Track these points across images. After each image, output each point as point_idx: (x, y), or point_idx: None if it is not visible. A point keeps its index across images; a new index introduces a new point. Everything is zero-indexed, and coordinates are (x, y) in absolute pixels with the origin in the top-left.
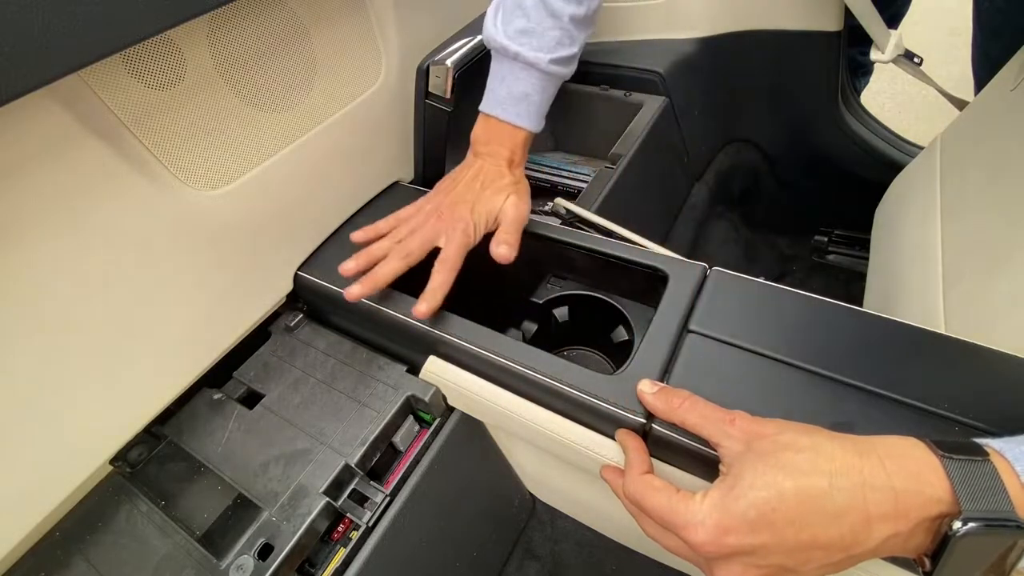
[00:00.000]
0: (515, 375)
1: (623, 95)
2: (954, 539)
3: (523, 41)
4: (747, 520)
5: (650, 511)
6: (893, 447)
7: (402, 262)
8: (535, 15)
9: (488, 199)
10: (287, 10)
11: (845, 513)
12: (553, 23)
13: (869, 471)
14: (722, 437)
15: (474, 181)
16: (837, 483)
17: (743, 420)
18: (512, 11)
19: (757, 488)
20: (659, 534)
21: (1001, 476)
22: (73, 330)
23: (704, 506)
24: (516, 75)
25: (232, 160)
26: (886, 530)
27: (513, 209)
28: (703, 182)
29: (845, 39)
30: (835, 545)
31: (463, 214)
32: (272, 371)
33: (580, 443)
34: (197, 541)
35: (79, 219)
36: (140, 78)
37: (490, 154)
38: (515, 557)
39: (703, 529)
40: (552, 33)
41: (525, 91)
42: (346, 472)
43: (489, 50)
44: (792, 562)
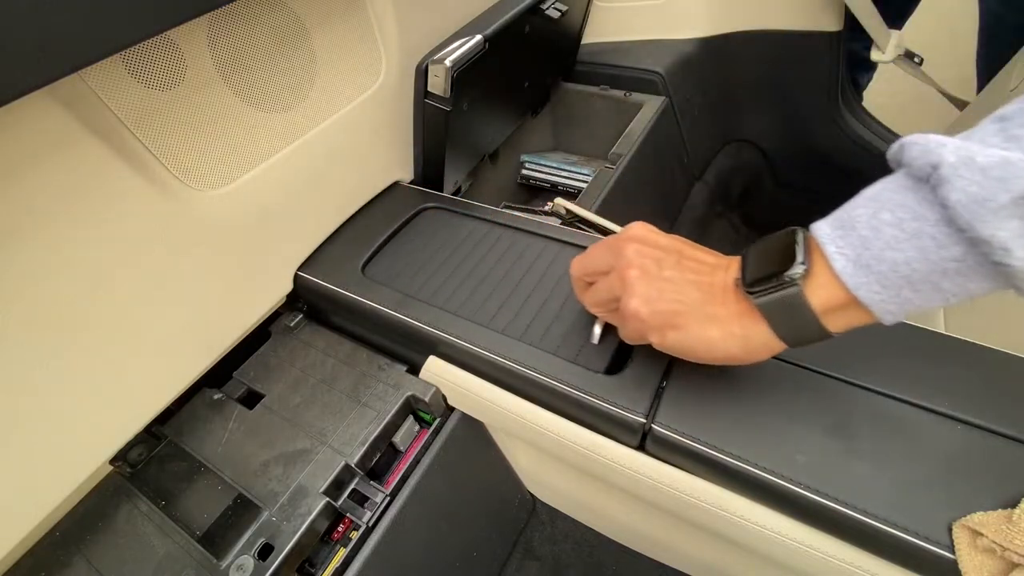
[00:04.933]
0: (515, 375)
1: (623, 95)
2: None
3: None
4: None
5: (590, 257)
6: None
7: None
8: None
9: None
10: (287, 10)
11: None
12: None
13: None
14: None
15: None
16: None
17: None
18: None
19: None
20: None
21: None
22: (73, 330)
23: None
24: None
25: (232, 160)
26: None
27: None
28: (703, 182)
29: (845, 37)
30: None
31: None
32: (272, 371)
33: (580, 443)
34: (197, 541)
35: (79, 219)
36: (140, 78)
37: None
38: (515, 557)
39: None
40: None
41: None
42: (346, 472)
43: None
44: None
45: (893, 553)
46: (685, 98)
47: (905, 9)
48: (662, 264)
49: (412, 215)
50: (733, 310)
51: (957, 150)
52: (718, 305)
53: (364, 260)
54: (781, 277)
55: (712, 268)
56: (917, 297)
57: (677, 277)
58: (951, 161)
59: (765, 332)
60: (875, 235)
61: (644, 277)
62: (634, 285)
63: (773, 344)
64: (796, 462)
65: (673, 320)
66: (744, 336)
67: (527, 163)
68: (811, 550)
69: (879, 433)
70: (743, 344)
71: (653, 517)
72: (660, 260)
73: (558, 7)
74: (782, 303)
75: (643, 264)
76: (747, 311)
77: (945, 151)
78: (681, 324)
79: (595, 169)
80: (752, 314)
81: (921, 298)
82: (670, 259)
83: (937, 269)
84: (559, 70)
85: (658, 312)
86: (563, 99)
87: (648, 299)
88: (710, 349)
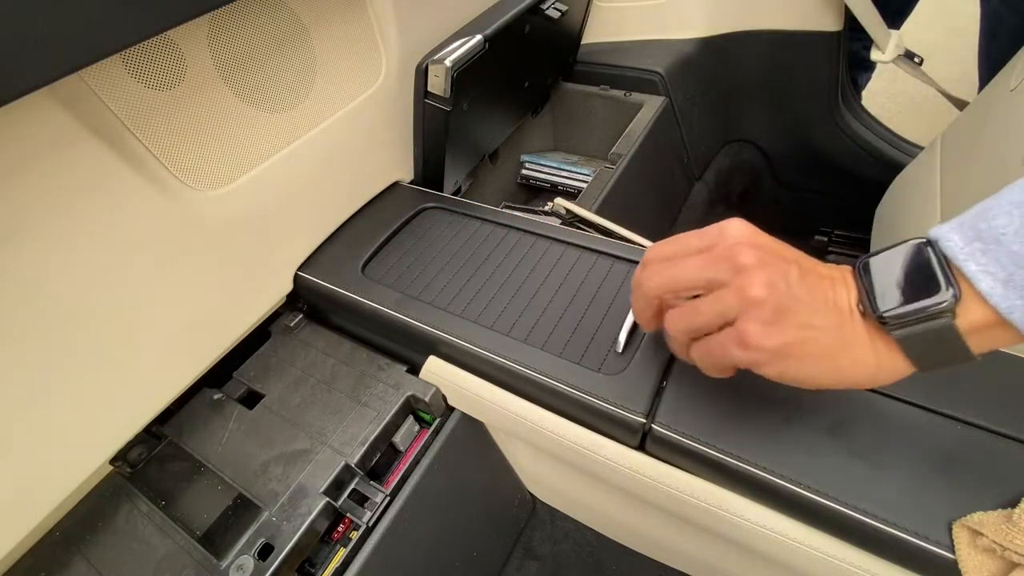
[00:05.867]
0: (515, 375)
1: (623, 95)
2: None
3: None
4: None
5: (681, 268)
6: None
7: None
8: None
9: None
10: (287, 10)
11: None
12: None
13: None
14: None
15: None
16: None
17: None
18: None
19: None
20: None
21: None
22: (73, 330)
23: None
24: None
25: (232, 160)
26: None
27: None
28: (703, 182)
29: (846, 37)
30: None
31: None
32: (272, 371)
33: (580, 443)
34: (197, 541)
35: (79, 219)
36: (140, 78)
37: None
38: (515, 557)
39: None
40: None
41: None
42: (346, 472)
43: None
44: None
45: (893, 553)
46: (685, 98)
47: (904, 9)
48: (789, 278)
49: (412, 215)
50: (863, 336)
51: None
52: (847, 329)
53: (364, 260)
54: (926, 307)
55: (833, 283)
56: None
57: (806, 296)
58: None
59: (900, 360)
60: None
61: (773, 295)
62: (762, 307)
63: (904, 371)
64: (796, 462)
65: (801, 349)
66: (877, 365)
67: (527, 163)
68: (811, 550)
69: (879, 433)
70: (874, 373)
71: (653, 517)
72: (784, 272)
73: (558, 7)
74: (927, 335)
75: (771, 279)
76: (878, 335)
77: None
78: (809, 353)
79: (595, 169)
80: (885, 339)
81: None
82: (794, 272)
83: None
84: (559, 70)
85: (788, 342)
86: (563, 99)
87: (778, 325)
88: (837, 379)
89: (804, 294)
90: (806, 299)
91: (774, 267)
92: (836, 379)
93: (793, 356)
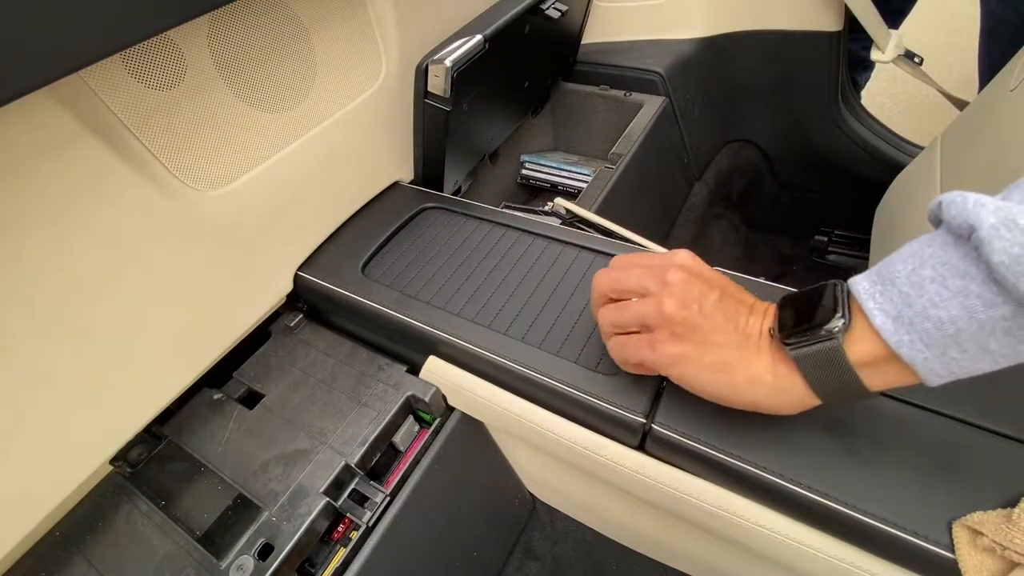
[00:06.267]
0: (515, 375)
1: (623, 95)
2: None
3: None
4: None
5: (627, 275)
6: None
7: None
8: None
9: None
10: (287, 10)
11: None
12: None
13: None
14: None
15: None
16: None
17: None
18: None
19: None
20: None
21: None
22: (73, 330)
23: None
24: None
25: (232, 160)
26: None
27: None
28: (703, 182)
29: (845, 37)
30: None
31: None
32: (272, 371)
33: (580, 443)
34: (197, 541)
35: (79, 219)
36: (140, 78)
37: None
38: (515, 557)
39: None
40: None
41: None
42: (346, 472)
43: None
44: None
45: (893, 553)
46: (685, 98)
47: (903, 8)
48: (704, 300)
49: (412, 215)
50: (766, 358)
51: (997, 211)
52: (751, 350)
53: (364, 260)
54: (820, 330)
55: (749, 310)
56: (964, 358)
57: (717, 317)
58: (992, 222)
59: (799, 385)
60: (917, 292)
61: (682, 312)
62: (671, 321)
63: (806, 399)
64: (796, 462)
65: (698, 360)
66: (775, 386)
67: (527, 163)
68: (811, 550)
69: (879, 433)
70: (773, 394)
71: (653, 517)
72: (703, 296)
73: (558, 7)
74: (819, 356)
75: (685, 298)
76: (781, 360)
77: (984, 211)
78: (705, 365)
79: (595, 169)
80: (787, 364)
81: (968, 359)
82: (712, 295)
83: (985, 329)
84: (559, 70)
85: (686, 353)
86: (563, 99)
87: (682, 338)
88: (733, 393)
89: (715, 315)
90: (716, 320)
91: (695, 289)
92: (732, 393)
93: (691, 364)
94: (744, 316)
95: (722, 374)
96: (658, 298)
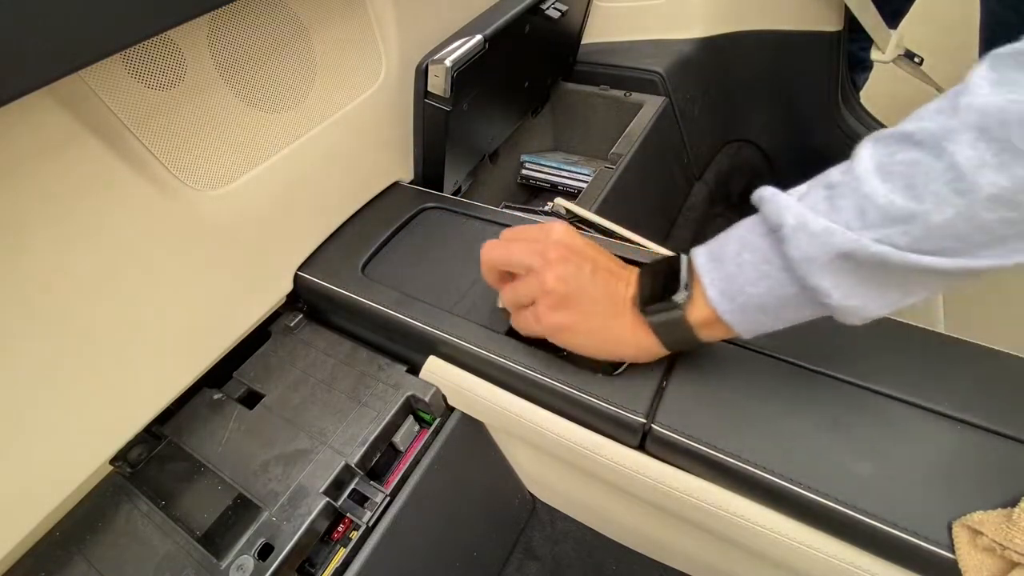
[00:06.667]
0: (515, 375)
1: (623, 95)
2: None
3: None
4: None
5: (511, 252)
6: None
7: None
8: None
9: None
10: (287, 10)
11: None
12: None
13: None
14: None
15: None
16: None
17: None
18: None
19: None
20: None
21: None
22: (73, 330)
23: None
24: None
25: (232, 160)
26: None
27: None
28: (703, 182)
29: (845, 37)
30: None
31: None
32: (272, 371)
33: (580, 443)
34: (197, 541)
35: (79, 220)
36: (140, 78)
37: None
38: (515, 557)
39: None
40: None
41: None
42: (346, 472)
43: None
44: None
45: (893, 553)
46: (685, 98)
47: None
48: (580, 272)
49: (412, 215)
50: (629, 321)
51: (796, 216)
52: (619, 316)
53: (364, 260)
54: (669, 301)
55: (618, 280)
56: (767, 320)
57: (592, 288)
58: (792, 224)
59: (653, 341)
60: (739, 271)
61: (561, 284)
62: (552, 294)
63: (658, 350)
64: (796, 462)
65: (578, 327)
66: (636, 344)
67: (527, 163)
68: (811, 550)
69: (879, 433)
70: (635, 351)
71: (653, 517)
72: (579, 269)
73: (558, 7)
74: (668, 322)
75: (564, 273)
76: (640, 324)
77: (788, 215)
78: (585, 331)
79: (595, 169)
80: (644, 327)
81: (769, 321)
82: (587, 268)
83: (781, 302)
84: (559, 70)
85: (567, 322)
86: (563, 99)
87: (562, 308)
88: (604, 351)
89: (590, 287)
90: (591, 290)
91: (572, 264)
92: (603, 351)
93: (571, 331)
94: (613, 285)
95: (597, 337)
96: (541, 275)
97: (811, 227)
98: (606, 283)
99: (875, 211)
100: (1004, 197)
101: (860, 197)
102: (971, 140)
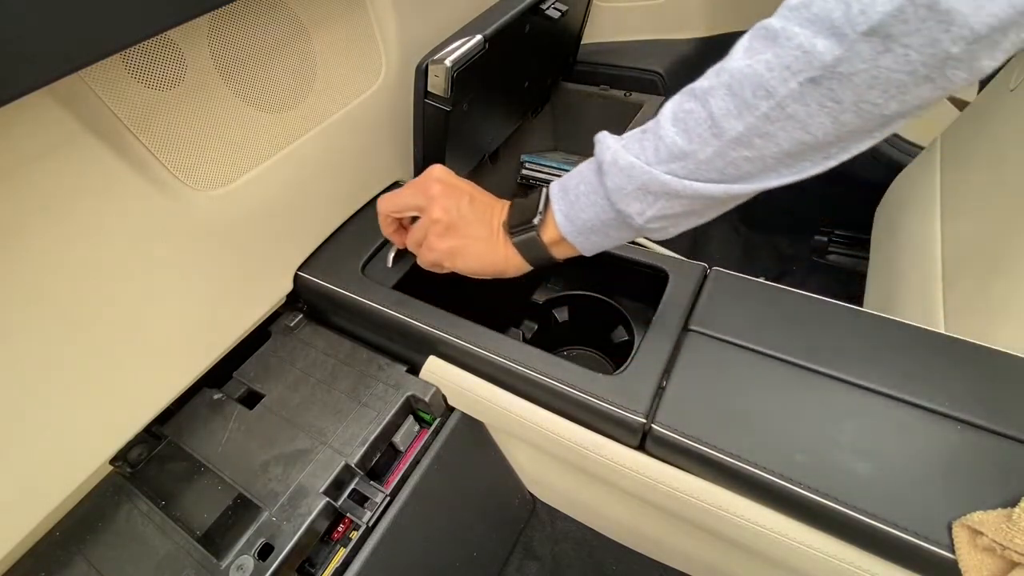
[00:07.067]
0: (515, 375)
1: (623, 95)
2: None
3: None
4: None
5: (400, 196)
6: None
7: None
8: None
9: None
10: (287, 10)
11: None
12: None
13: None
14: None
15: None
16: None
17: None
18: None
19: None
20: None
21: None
22: (73, 330)
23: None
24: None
25: (232, 160)
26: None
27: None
28: None
29: None
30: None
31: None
32: (272, 371)
33: (580, 443)
34: (197, 541)
35: (79, 219)
36: (140, 78)
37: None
38: (515, 557)
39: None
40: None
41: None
42: (346, 472)
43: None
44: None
45: (893, 553)
46: None
47: None
48: (460, 203)
49: None
50: (501, 242)
51: (613, 153)
52: (494, 239)
53: (364, 260)
54: (529, 224)
55: (492, 209)
56: (599, 239)
57: (469, 216)
58: (608, 160)
59: (518, 258)
60: (576, 200)
61: (445, 214)
62: (438, 224)
63: (523, 265)
64: (796, 462)
65: (463, 251)
66: (507, 260)
67: (527, 163)
68: (811, 550)
69: (879, 433)
70: (504, 265)
71: (653, 517)
72: (459, 201)
73: (558, 7)
74: (527, 240)
75: (447, 206)
76: (509, 245)
77: (607, 153)
78: (468, 253)
79: None
80: (512, 247)
81: (601, 239)
82: (464, 200)
83: (605, 225)
84: (559, 70)
85: (453, 247)
86: (563, 99)
87: (448, 236)
88: (484, 269)
89: (469, 215)
90: (470, 218)
91: (452, 197)
92: (487, 271)
93: (460, 254)
94: (488, 213)
95: (482, 258)
96: (428, 209)
97: (620, 162)
98: (483, 211)
99: (664, 149)
100: (743, 139)
101: (657, 138)
102: (723, 95)
